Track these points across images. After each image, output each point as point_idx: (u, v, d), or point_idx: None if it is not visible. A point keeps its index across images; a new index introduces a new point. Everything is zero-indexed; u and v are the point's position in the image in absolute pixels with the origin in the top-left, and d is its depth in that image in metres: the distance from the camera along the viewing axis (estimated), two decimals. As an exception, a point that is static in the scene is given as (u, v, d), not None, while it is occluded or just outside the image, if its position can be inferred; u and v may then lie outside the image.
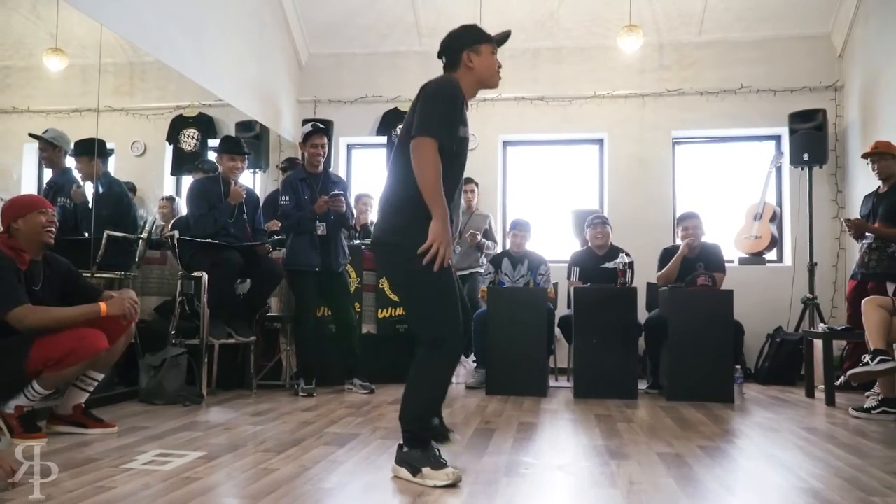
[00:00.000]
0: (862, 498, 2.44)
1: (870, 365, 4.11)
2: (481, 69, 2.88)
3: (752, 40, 7.10)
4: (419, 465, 2.59)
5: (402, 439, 2.69)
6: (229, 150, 5.01)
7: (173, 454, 2.93)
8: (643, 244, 6.29)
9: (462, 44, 2.88)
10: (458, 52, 2.88)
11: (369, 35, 7.57)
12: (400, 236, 2.69)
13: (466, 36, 2.90)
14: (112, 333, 3.34)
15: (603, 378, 5.03)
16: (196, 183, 5.09)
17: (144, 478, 2.54)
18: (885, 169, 5.27)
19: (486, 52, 2.88)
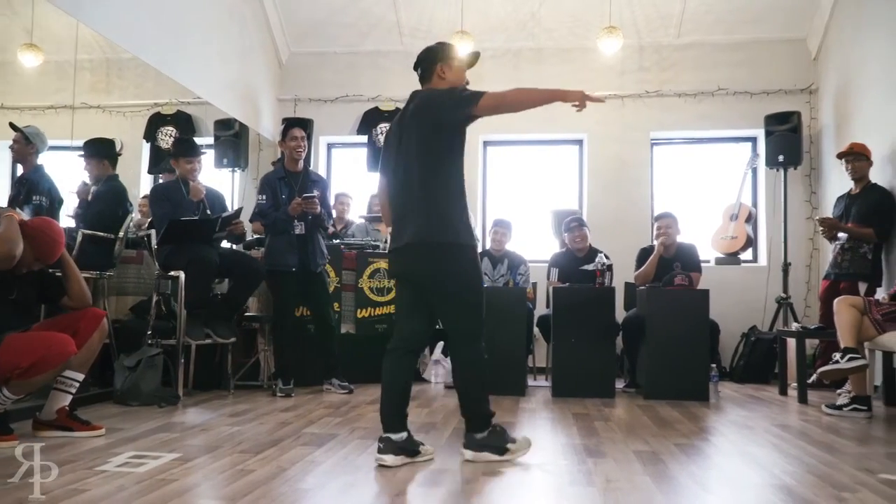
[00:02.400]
0: (834, 494, 2.48)
1: (840, 363, 4.18)
2: (451, 81, 3.13)
3: (730, 43, 7.17)
4: (503, 444, 2.97)
5: (473, 428, 3.00)
6: (184, 153, 4.93)
7: (148, 456, 2.91)
8: (622, 244, 6.33)
9: (437, 58, 3.15)
10: (433, 65, 3.15)
11: (350, 34, 7.56)
12: (453, 236, 2.94)
13: (441, 51, 3.17)
14: (82, 332, 3.31)
15: (581, 377, 5.07)
16: (157, 186, 5.09)
17: (119, 480, 2.52)
18: (859, 170, 5.36)
19: (457, 67, 3.15)
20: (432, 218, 2.94)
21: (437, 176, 2.98)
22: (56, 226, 3.42)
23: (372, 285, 5.69)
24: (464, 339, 3.03)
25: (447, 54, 3.16)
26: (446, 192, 2.97)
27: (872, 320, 4.32)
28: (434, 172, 2.97)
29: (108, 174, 4.84)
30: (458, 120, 2.97)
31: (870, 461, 3.05)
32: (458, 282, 2.97)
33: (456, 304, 3.00)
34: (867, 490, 2.53)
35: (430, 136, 2.98)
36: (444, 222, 2.94)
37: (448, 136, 3.00)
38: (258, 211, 5.08)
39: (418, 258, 2.98)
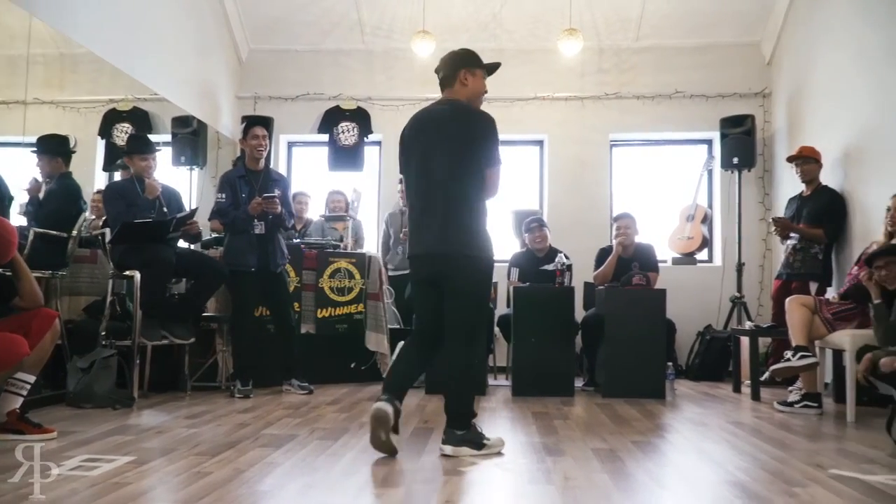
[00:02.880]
0: (785, 489, 2.54)
1: (792, 361, 4.29)
2: (473, 88, 3.30)
3: (687, 47, 7.29)
4: (481, 440, 3.08)
5: (455, 425, 3.11)
6: (138, 150, 4.87)
7: (102, 459, 2.85)
8: (582, 244, 6.39)
9: (461, 63, 3.29)
10: (456, 70, 3.28)
11: (312, 32, 7.51)
12: (474, 250, 3.17)
13: (466, 58, 3.31)
14: (34, 333, 3.24)
15: (541, 376, 5.11)
16: (111, 185, 5.01)
17: (71, 484, 2.47)
18: (809, 173, 5.50)
19: (480, 75, 3.31)
20: (450, 228, 3.15)
21: (462, 188, 3.17)
22: (8, 225, 3.34)
23: (332, 285, 5.66)
24: (462, 340, 3.17)
25: (471, 61, 3.30)
26: (468, 203, 3.18)
27: (823, 319, 4.43)
28: (460, 184, 3.17)
29: (61, 171, 4.74)
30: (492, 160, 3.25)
31: (820, 457, 3.13)
32: (473, 290, 3.20)
33: (464, 307, 3.18)
34: (818, 485, 2.60)
35: (464, 150, 3.18)
36: (463, 238, 3.16)
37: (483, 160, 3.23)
38: (217, 209, 5.02)
39: (444, 267, 3.18)
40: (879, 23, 5.10)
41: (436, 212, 3.18)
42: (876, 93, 5.12)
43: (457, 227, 3.16)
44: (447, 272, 3.16)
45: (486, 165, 3.22)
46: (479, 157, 3.21)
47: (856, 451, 3.29)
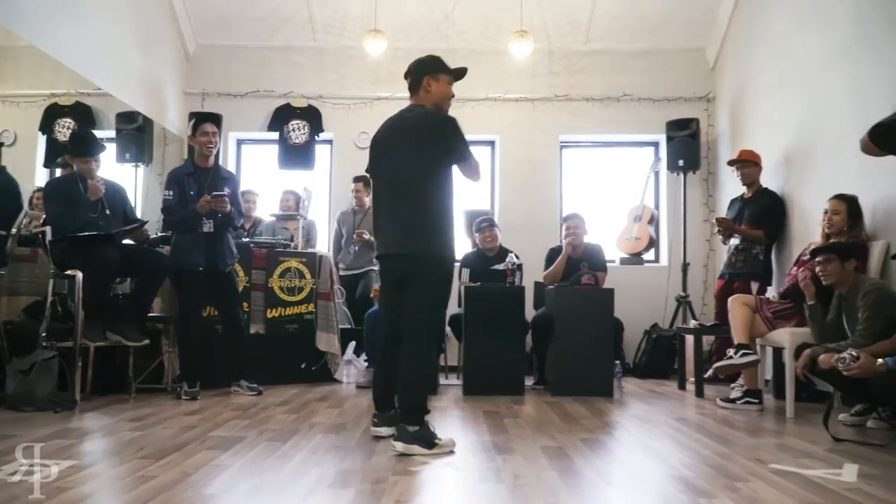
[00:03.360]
0: (727, 484, 2.61)
1: (734, 358, 4.40)
2: (437, 94, 3.44)
3: (634, 51, 7.42)
4: (433, 439, 3.10)
5: (407, 420, 3.13)
6: (80, 153, 4.76)
7: (44, 463, 2.78)
8: (532, 244, 6.45)
9: (425, 70, 3.44)
10: (420, 77, 3.44)
11: (261, 28, 7.41)
12: (436, 250, 3.28)
13: (430, 64, 3.47)
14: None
15: (492, 375, 5.14)
16: (50, 183, 4.88)
17: (12, 489, 2.40)
18: (749, 175, 5.65)
19: (444, 80, 3.45)
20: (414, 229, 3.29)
21: (425, 190, 3.30)
22: None
23: (282, 284, 5.61)
24: (420, 339, 3.26)
25: (435, 68, 3.45)
26: (432, 205, 3.29)
27: (763, 318, 4.56)
28: (423, 187, 3.30)
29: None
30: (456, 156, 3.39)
31: (761, 452, 3.22)
32: (428, 285, 3.29)
33: (417, 302, 3.28)
34: (759, 480, 2.67)
35: (427, 153, 3.32)
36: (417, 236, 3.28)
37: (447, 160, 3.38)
38: (164, 207, 4.93)
39: (397, 263, 3.36)
40: (817, 29, 5.27)
41: (401, 214, 3.33)
42: (814, 98, 5.29)
43: (420, 227, 3.28)
44: (409, 271, 3.28)
45: (458, 162, 3.39)
46: (444, 159, 3.35)
47: (795, 445, 3.39)
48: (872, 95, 4.46)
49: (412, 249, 3.29)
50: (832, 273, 3.94)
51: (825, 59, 5.14)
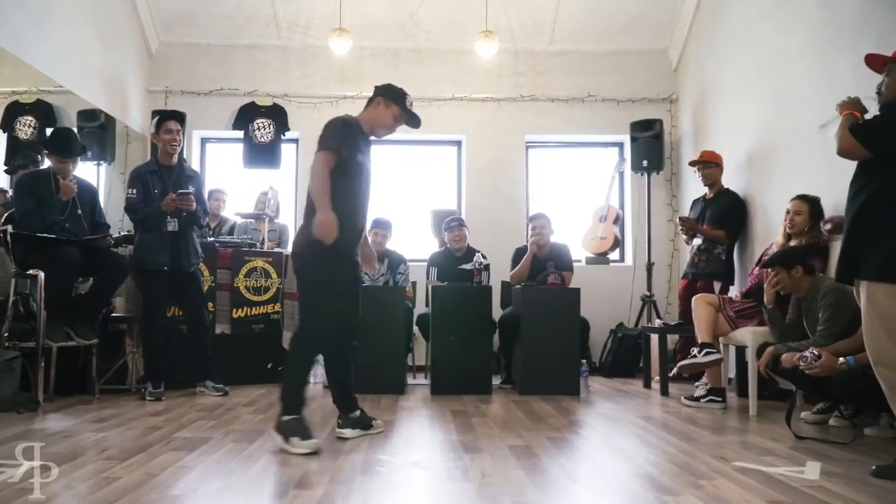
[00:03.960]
0: (692, 481, 2.65)
1: (697, 357, 4.46)
2: (376, 116, 3.57)
3: (599, 52, 7.48)
4: (290, 434, 3.10)
5: (280, 409, 3.22)
6: (58, 152, 4.71)
7: (6, 465, 2.71)
8: (498, 244, 6.48)
9: (383, 92, 3.57)
10: (376, 95, 3.57)
11: (225, 26, 7.33)
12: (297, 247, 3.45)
13: (393, 92, 3.58)
14: None
15: (459, 375, 5.16)
16: (23, 177, 4.77)
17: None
18: (710, 176, 5.74)
19: (392, 111, 3.55)
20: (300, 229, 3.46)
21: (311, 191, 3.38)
22: None
23: (248, 284, 5.56)
24: (299, 328, 3.46)
25: (393, 95, 3.56)
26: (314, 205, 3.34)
27: (726, 317, 4.63)
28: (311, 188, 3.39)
29: None
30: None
31: (725, 450, 3.27)
32: (299, 279, 3.49)
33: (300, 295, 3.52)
34: (722, 477, 2.72)
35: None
36: (301, 231, 3.43)
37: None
38: (127, 206, 4.86)
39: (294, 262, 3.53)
40: (778, 30, 5.37)
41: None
42: (775, 99, 5.40)
43: (303, 225, 3.42)
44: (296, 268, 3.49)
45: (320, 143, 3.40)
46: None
47: (758, 443, 3.45)
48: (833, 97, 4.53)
49: (295, 248, 3.51)
50: (782, 283, 4.03)
51: (786, 60, 5.24)
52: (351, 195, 3.41)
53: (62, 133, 5.06)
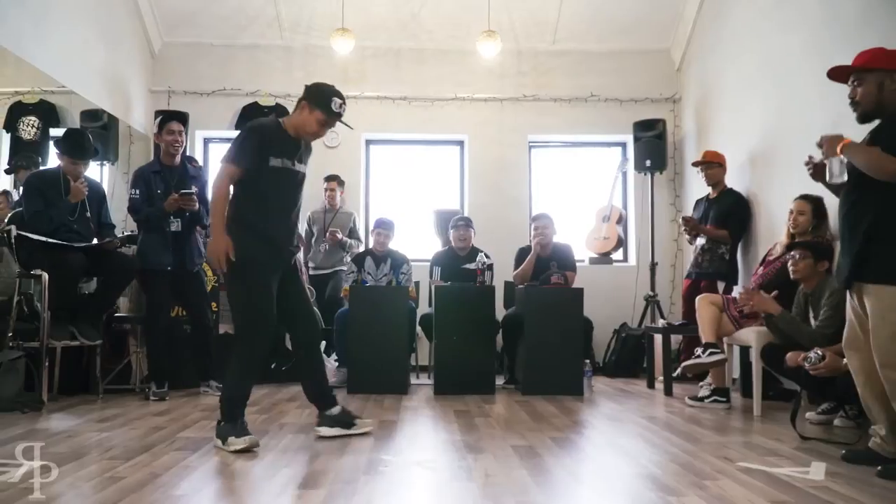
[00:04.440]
0: (695, 482, 2.64)
1: (701, 357, 4.45)
2: (299, 120, 3.41)
3: (601, 52, 7.47)
4: (226, 435, 3.12)
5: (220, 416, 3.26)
6: (70, 153, 4.71)
7: (10, 464, 2.72)
8: (501, 244, 6.47)
9: (306, 95, 3.41)
10: (301, 99, 3.42)
11: (227, 26, 7.33)
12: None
13: (314, 93, 3.40)
14: None
15: (462, 375, 5.15)
16: (32, 177, 4.77)
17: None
18: (713, 176, 5.73)
19: (315, 115, 3.36)
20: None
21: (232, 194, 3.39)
22: None
23: (251, 285, 5.55)
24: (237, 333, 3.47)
25: (314, 98, 3.38)
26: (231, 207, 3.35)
27: (730, 317, 4.62)
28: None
29: None
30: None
31: (728, 450, 3.25)
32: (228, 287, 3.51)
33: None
34: (726, 477, 2.70)
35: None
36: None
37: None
38: (130, 206, 4.87)
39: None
40: (781, 30, 5.36)
41: None
42: (779, 98, 5.38)
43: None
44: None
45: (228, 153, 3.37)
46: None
47: (762, 444, 3.44)
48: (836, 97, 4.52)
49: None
50: (802, 270, 4.00)
51: (789, 59, 5.23)
52: (266, 203, 3.35)
53: (75, 134, 5.05)
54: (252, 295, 3.30)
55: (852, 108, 3.04)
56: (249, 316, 3.31)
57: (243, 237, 3.28)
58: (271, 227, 3.37)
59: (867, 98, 2.96)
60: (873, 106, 2.96)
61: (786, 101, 5.29)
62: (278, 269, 3.41)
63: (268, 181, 3.33)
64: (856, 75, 3.01)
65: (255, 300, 3.29)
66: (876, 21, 4.23)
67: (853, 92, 3.02)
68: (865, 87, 2.97)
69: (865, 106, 2.98)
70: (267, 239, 3.35)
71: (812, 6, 4.96)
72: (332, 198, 6.64)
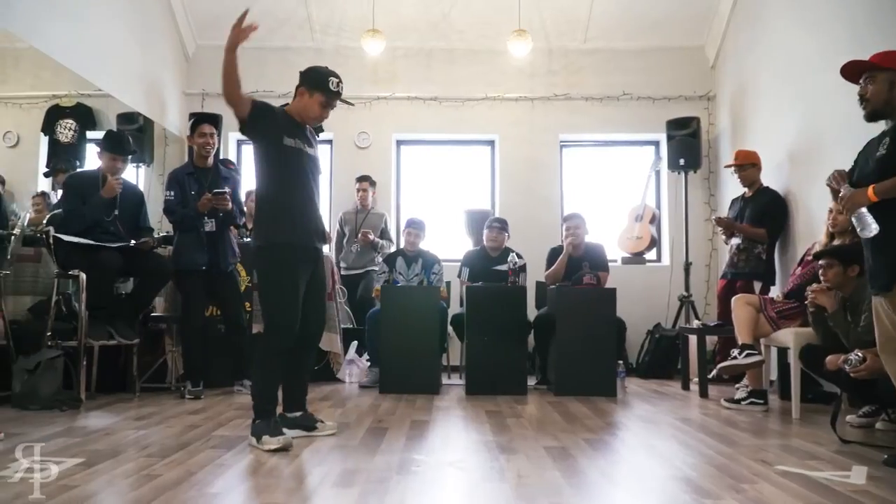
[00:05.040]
0: (732, 485, 2.59)
1: (738, 359, 4.38)
2: (300, 105, 3.54)
3: (633, 49, 7.41)
4: (261, 434, 3.13)
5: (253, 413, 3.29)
6: (111, 149, 4.80)
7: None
8: (532, 244, 6.44)
9: (302, 80, 3.55)
10: (298, 85, 3.56)
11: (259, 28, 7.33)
12: (255, 240, 3.45)
13: (309, 77, 3.55)
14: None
15: (494, 375, 5.14)
16: (71, 177, 4.89)
17: (18, 487, 2.40)
18: (748, 177, 5.65)
19: (316, 99, 3.48)
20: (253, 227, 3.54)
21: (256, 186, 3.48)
22: None
23: (283, 285, 5.59)
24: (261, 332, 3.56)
25: (310, 81, 3.51)
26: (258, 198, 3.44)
27: (768, 317, 4.54)
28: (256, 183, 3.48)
29: None
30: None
31: (766, 453, 3.20)
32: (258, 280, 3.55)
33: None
34: (764, 481, 2.65)
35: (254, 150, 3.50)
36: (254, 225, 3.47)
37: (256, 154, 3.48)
38: (166, 208, 4.94)
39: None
40: (818, 26, 5.26)
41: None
42: (816, 95, 5.27)
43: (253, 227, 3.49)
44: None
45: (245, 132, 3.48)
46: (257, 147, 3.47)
47: (801, 447, 3.37)
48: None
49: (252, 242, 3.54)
50: (833, 279, 3.85)
51: (827, 55, 5.11)
52: (291, 182, 3.38)
53: (116, 133, 5.25)
54: (279, 293, 3.32)
55: (861, 105, 3.05)
56: (274, 312, 3.34)
57: (278, 225, 3.30)
58: (300, 208, 3.37)
59: (877, 96, 2.99)
60: (882, 105, 2.98)
61: (824, 98, 5.18)
62: (309, 266, 3.42)
63: (288, 160, 3.37)
64: (868, 73, 3.03)
65: (282, 298, 3.31)
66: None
67: (864, 89, 3.04)
68: (876, 85, 2.99)
69: (875, 104, 3.00)
70: (299, 222, 3.34)
71: (850, 1, 4.86)
72: (364, 198, 6.68)
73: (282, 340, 3.31)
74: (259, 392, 3.31)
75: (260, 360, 3.37)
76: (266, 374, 3.34)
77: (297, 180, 3.39)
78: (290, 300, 3.31)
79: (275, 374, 3.35)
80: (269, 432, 3.14)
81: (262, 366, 3.36)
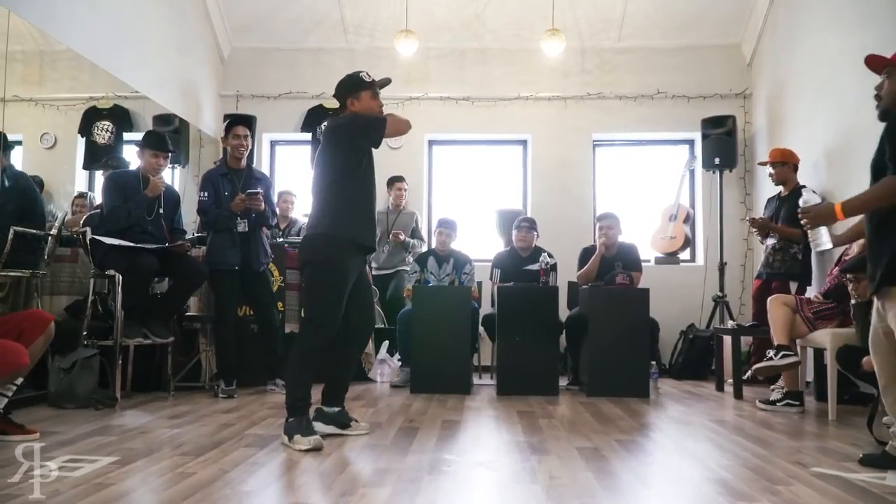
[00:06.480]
0: (767, 487, 2.56)
1: (774, 360, 4.31)
2: (361, 110, 3.54)
3: (668, 48, 7.33)
4: (293, 433, 3.17)
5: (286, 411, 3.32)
6: (153, 145, 4.88)
7: (85, 459, 2.83)
8: (565, 244, 6.41)
9: (345, 92, 3.56)
10: (344, 99, 3.57)
11: (294, 30, 7.47)
12: (310, 229, 3.50)
13: (348, 85, 3.57)
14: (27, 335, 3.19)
15: (525, 375, 5.12)
16: (113, 175, 4.96)
17: (54, 485, 2.44)
18: (781, 175, 5.55)
19: (366, 97, 3.55)
20: (311, 214, 3.52)
21: (324, 177, 3.49)
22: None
23: (316, 284, 5.63)
24: (303, 322, 3.51)
25: (353, 87, 3.55)
26: (326, 192, 3.46)
27: (804, 318, 4.46)
28: (322, 178, 3.50)
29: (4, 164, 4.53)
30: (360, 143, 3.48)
31: (802, 455, 3.16)
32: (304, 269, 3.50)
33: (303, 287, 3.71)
34: (800, 483, 2.62)
35: (327, 151, 3.50)
36: (314, 217, 3.49)
37: (342, 152, 3.46)
38: (200, 208, 5.01)
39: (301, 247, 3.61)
40: (856, 25, 5.15)
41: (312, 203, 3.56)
42: (854, 94, 5.16)
43: (316, 210, 3.49)
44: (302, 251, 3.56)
45: (361, 137, 3.46)
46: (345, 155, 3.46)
47: (837, 449, 3.32)
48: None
49: (308, 230, 3.55)
50: (864, 292, 3.80)
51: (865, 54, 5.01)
52: (367, 186, 3.52)
53: (156, 132, 5.37)
54: (327, 288, 3.37)
55: (876, 101, 3.06)
56: (318, 312, 3.38)
57: (345, 218, 3.40)
58: (367, 207, 3.52)
59: (891, 95, 2.99)
60: (893, 104, 2.97)
61: (863, 97, 5.03)
62: (360, 265, 3.53)
63: (369, 162, 3.53)
64: (888, 69, 3.01)
65: (328, 293, 3.36)
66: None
67: (880, 85, 3.04)
68: (892, 83, 2.98)
69: (887, 102, 3.00)
70: (362, 219, 3.46)
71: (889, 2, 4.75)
72: (401, 197, 6.73)
73: (321, 337, 3.35)
74: (293, 390, 3.34)
75: (295, 358, 3.38)
76: (301, 371, 3.35)
77: (369, 180, 3.54)
78: (336, 297, 3.37)
79: (309, 372, 3.37)
80: (301, 431, 3.17)
81: (297, 363, 3.36)
